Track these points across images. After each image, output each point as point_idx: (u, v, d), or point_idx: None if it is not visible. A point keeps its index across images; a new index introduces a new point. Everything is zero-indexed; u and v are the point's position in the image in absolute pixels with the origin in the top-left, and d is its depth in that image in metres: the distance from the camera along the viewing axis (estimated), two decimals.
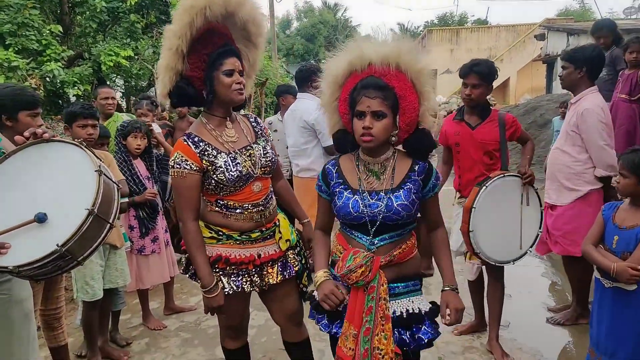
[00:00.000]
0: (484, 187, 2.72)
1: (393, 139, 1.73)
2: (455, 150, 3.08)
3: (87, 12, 8.30)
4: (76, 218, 1.60)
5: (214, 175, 1.95)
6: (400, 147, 1.82)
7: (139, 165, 3.47)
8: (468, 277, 3.24)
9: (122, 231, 3.16)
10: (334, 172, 1.81)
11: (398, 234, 1.77)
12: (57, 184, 1.71)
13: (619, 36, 4.68)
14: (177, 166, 1.93)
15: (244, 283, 2.06)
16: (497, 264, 2.85)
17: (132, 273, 3.29)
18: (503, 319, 3.11)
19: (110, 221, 1.74)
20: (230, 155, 1.98)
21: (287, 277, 2.14)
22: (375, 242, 1.74)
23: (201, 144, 1.96)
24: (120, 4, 8.61)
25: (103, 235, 1.72)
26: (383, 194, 1.71)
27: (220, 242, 2.06)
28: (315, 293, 1.82)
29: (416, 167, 1.75)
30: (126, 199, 3.03)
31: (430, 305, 1.85)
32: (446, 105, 15.26)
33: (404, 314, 1.75)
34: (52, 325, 2.64)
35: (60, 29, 7.62)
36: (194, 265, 2.02)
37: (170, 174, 1.99)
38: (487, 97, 3.01)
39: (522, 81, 21.30)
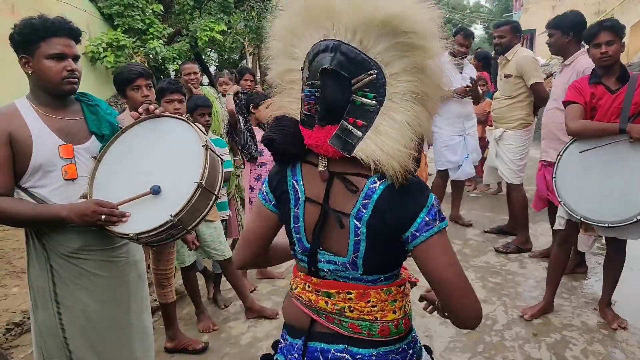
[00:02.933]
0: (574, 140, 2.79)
1: None
2: (589, 115, 2.83)
3: None
4: (186, 190, 1.69)
5: None
6: None
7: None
8: (583, 249, 3.21)
9: (223, 200, 3.32)
10: None
11: None
12: (168, 157, 1.82)
13: None
14: None
15: None
16: (586, 221, 2.73)
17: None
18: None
19: (216, 193, 1.82)
20: None
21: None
22: None
23: None
24: None
25: (210, 205, 1.81)
26: None
27: None
28: None
29: None
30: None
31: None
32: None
33: None
34: (162, 283, 2.88)
35: (162, 8, 8.07)
36: None
37: None
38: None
39: (636, 38, 18.96)
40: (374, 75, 1.02)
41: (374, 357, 1.14)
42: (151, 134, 1.87)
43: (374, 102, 1.03)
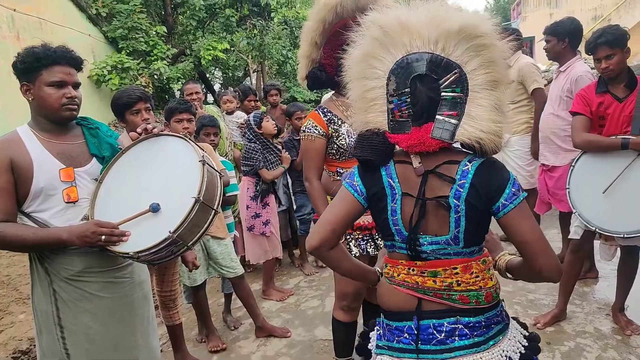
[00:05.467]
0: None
1: None
2: (598, 124, 2.81)
3: (188, 12, 8.84)
4: (184, 206, 1.69)
5: (337, 141, 2.26)
6: None
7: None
8: (605, 259, 3.17)
9: (229, 221, 3.32)
10: None
11: None
12: (167, 174, 1.83)
13: None
14: (308, 130, 2.27)
15: (369, 247, 2.28)
16: (602, 232, 2.71)
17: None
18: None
19: (215, 207, 1.82)
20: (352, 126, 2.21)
21: None
22: None
23: (329, 114, 2.30)
24: (217, 0, 9.03)
25: (209, 220, 1.81)
26: None
27: None
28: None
29: None
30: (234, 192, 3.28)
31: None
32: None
33: None
34: (167, 305, 2.86)
35: (165, 29, 8.21)
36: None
37: (301, 137, 2.33)
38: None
39: (634, 42, 18.86)
40: (458, 74, 1.24)
41: (483, 323, 1.32)
42: (150, 153, 1.89)
43: (461, 94, 1.25)
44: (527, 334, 1.45)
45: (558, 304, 3.12)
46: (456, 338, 1.30)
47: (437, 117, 1.26)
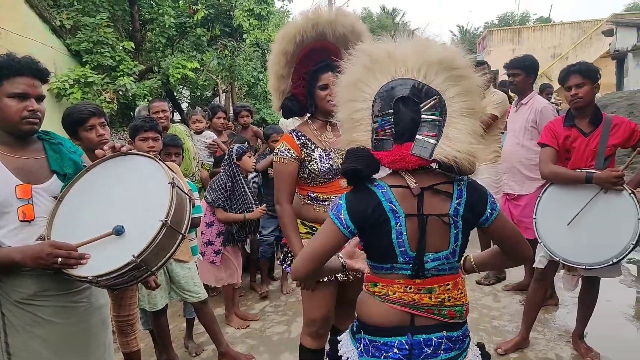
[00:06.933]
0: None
1: None
2: (564, 157, 2.89)
3: (157, 29, 8.74)
4: (151, 229, 1.62)
5: (309, 165, 2.24)
6: None
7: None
8: (568, 288, 3.23)
9: (193, 244, 3.22)
10: None
11: None
12: (133, 196, 1.76)
13: None
14: (281, 153, 2.24)
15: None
16: (565, 263, 2.78)
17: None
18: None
19: (183, 232, 1.76)
20: (325, 151, 2.26)
21: None
22: None
23: (303, 138, 2.28)
24: (188, 19, 8.99)
25: (176, 245, 1.74)
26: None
27: None
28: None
29: None
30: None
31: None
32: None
33: None
34: (125, 331, 2.73)
35: (133, 45, 8.05)
36: (288, 242, 2.24)
37: (274, 160, 2.29)
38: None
39: None
40: (437, 100, 1.36)
41: (461, 336, 1.45)
42: (116, 173, 1.81)
43: (440, 118, 1.36)
44: (476, 343, 1.59)
45: (521, 332, 3.16)
46: (442, 352, 1.40)
47: (417, 136, 1.36)
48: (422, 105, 1.36)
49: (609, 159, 2.74)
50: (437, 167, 1.44)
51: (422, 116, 1.36)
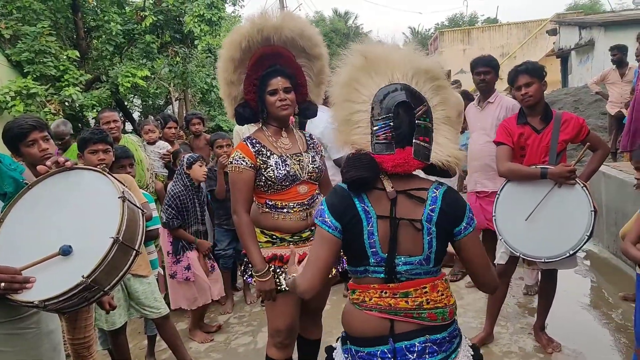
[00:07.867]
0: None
1: None
2: (519, 154, 2.95)
3: (104, 36, 8.45)
4: (101, 247, 1.54)
5: (265, 172, 2.18)
6: None
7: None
8: (528, 282, 3.31)
9: (153, 257, 3.10)
10: None
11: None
12: (81, 212, 1.66)
13: None
14: (236, 162, 2.19)
15: None
16: (525, 258, 2.87)
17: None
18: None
19: (136, 248, 1.67)
20: (281, 157, 2.22)
21: (336, 274, 2.30)
22: None
23: (257, 145, 2.23)
24: (136, 25, 8.74)
25: (129, 262, 1.66)
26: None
27: (275, 245, 2.24)
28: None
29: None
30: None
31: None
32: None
33: None
34: (81, 354, 2.57)
35: (77, 54, 7.75)
36: (247, 253, 2.20)
37: (229, 169, 2.24)
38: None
39: None
40: (426, 106, 1.43)
41: (447, 338, 1.44)
42: (62, 189, 1.70)
43: (430, 124, 1.44)
44: (471, 344, 1.58)
45: (485, 327, 3.22)
46: (427, 356, 1.40)
47: (415, 141, 1.41)
48: (415, 111, 1.41)
49: (560, 155, 2.83)
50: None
51: (417, 122, 1.41)
